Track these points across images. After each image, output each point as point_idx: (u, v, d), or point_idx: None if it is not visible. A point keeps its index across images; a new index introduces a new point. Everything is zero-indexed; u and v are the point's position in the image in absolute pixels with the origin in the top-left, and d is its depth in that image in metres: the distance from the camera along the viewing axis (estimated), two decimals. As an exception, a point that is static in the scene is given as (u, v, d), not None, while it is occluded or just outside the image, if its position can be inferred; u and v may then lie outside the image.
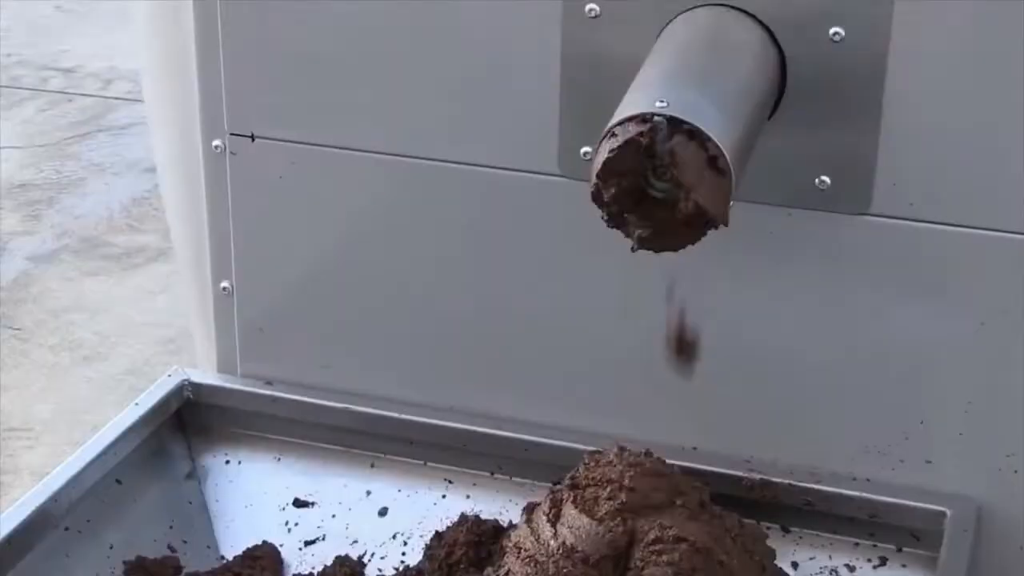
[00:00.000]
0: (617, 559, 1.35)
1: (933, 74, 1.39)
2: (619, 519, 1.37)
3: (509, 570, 1.38)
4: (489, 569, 1.47)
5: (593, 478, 1.42)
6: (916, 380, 1.50)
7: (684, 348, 1.54)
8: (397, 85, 1.57)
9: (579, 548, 1.35)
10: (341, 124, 1.61)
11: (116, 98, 4.89)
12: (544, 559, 1.36)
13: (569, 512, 1.38)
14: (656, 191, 1.25)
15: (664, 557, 1.33)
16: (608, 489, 1.39)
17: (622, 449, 1.44)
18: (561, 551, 1.35)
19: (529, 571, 1.36)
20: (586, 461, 1.44)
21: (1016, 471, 1.49)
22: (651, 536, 1.35)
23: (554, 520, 1.38)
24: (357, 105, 1.59)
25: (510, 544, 1.41)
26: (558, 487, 1.43)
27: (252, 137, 1.64)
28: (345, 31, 1.57)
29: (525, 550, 1.38)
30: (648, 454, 1.45)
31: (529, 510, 1.46)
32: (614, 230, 1.29)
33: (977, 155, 1.40)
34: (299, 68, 1.60)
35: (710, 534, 1.36)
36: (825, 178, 1.44)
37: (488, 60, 1.53)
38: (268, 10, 1.58)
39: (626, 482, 1.40)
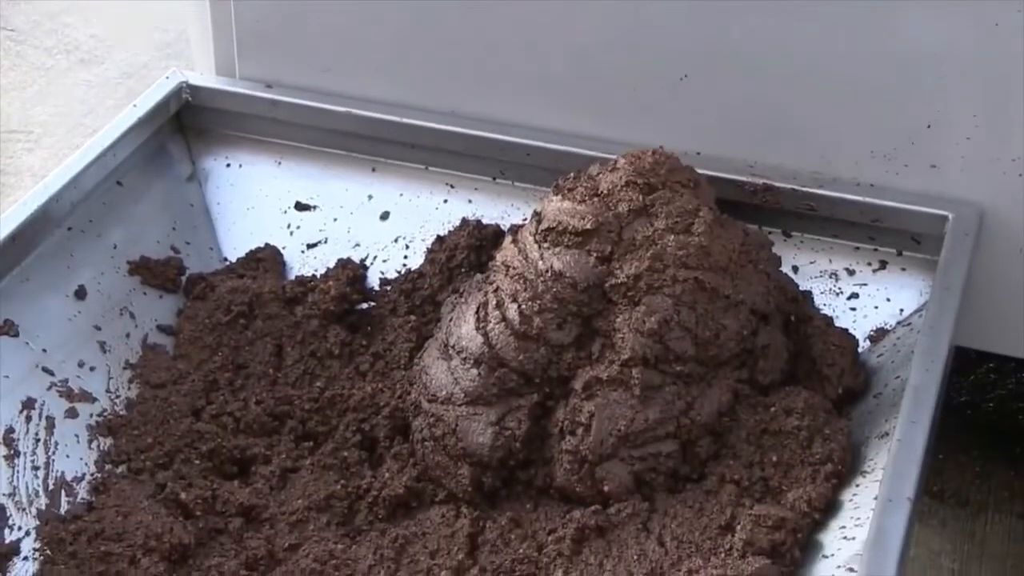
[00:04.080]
0: (604, 291, 1.36)
1: None
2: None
3: (498, 287, 1.39)
4: (479, 276, 1.48)
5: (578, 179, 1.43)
6: (925, 83, 1.48)
7: None
8: None
9: (567, 274, 1.35)
10: None
11: None
12: (533, 277, 1.36)
13: (552, 225, 1.38)
14: None
15: (665, 290, 1.34)
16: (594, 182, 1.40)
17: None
18: (550, 273, 1.36)
19: (518, 287, 1.37)
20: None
21: (1021, 175, 1.48)
22: (649, 265, 1.35)
23: (540, 241, 1.38)
24: None
25: (497, 263, 1.42)
26: (538, 208, 1.43)
27: None
28: None
29: (513, 268, 1.38)
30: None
31: (513, 232, 1.46)
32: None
33: None
34: None
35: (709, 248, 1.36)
36: None
37: None
38: None
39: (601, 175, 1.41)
